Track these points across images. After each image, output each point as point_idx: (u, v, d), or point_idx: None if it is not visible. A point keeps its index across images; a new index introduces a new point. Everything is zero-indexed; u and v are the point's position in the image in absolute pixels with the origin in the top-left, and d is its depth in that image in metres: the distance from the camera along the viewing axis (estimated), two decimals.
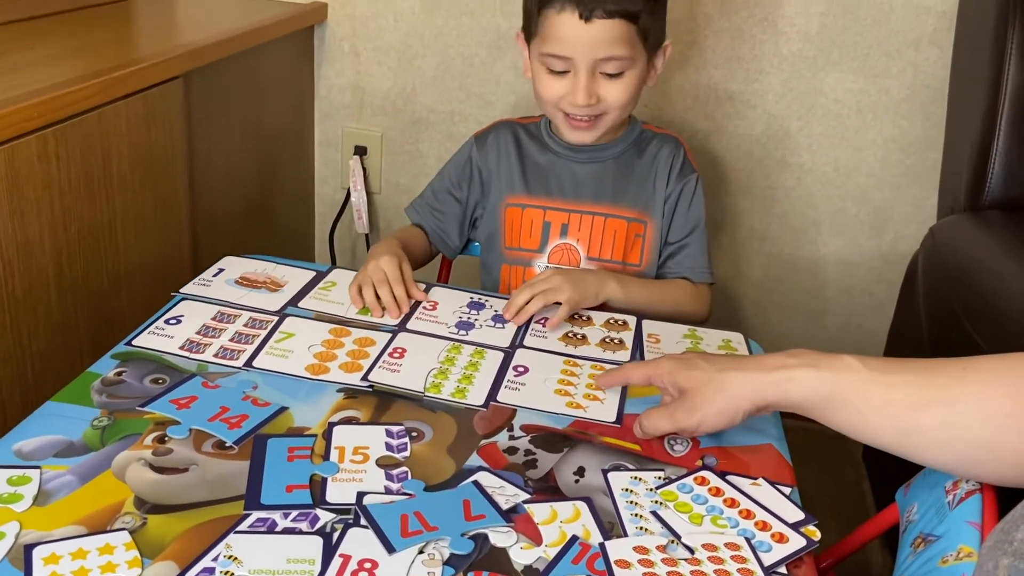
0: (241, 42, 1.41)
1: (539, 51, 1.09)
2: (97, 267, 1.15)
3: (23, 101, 0.98)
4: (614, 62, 1.06)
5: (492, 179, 1.21)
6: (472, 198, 1.22)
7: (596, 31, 1.04)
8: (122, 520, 0.67)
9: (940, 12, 1.44)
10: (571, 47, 1.05)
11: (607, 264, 1.16)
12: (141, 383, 0.84)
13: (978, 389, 0.67)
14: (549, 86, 1.10)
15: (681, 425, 0.78)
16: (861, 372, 0.71)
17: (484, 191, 1.22)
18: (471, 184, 1.22)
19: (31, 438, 0.75)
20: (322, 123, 1.75)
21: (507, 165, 1.19)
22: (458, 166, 1.23)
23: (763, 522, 0.71)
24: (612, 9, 1.04)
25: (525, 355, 0.94)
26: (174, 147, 1.28)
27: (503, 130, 1.22)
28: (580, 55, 1.05)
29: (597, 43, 1.05)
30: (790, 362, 0.74)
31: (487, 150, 1.21)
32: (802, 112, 1.55)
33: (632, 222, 1.17)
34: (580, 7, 1.04)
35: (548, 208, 1.18)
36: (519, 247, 1.19)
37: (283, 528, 0.67)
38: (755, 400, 0.75)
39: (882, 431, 0.71)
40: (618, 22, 1.04)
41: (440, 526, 0.68)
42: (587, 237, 1.17)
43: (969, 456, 0.67)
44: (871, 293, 1.64)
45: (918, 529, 0.71)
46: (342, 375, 0.87)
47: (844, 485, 1.57)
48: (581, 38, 1.05)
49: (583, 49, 1.05)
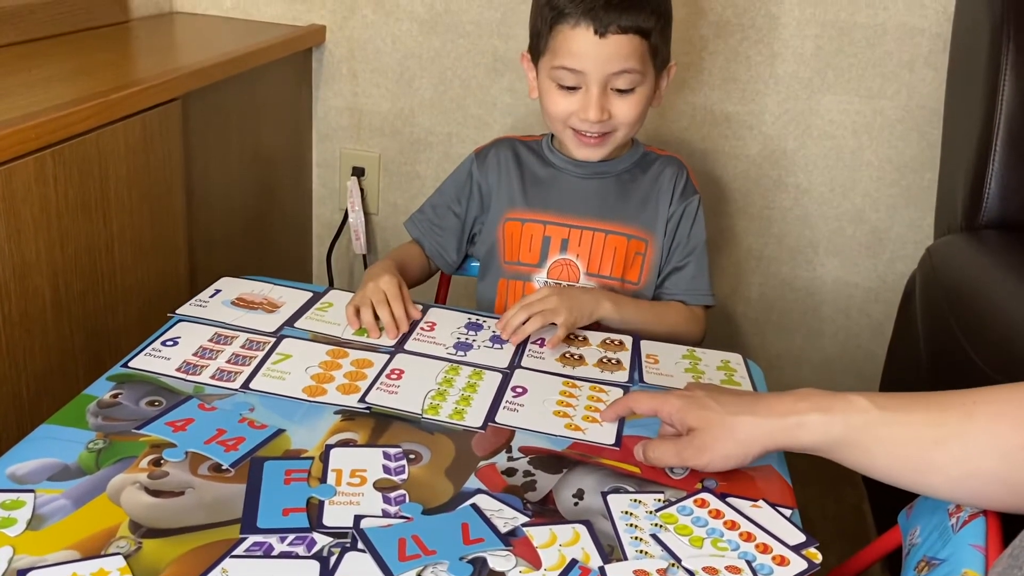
0: (239, 64, 1.41)
1: (551, 65, 1.09)
2: (94, 288, 1.14)
3: (21, 123, 0.98)
4: (625, 77, 1.07)
5: (492, 194, 1.21)
6: (471, 213, 1.23)
7: (610, 46, 1.05)
8: (117, 544, 0.66)
9: (934, 34, 1.45)
10: (585, 61, 1.06)
11: (606, 281, 1.16)
12: (137, 405, 0.83)
13: (989, 423, 0.66)
14: (559, 102, 1.11)
15: (689, 463, 0.78)
16: (871, 412, 0.71)
17: (484, 207, 1.22)
18: (470, 199, 1.22)
19: (25, 461, 0.74)
20: (320, 144, 1.76)
21: (507, 180, 1.20)
22: (458, 182, 1.23)
23: (764, 545, 0.71)
24: (627, 25, 1.05)
25: (523, 376, 0.94)
26: (172, 169, 1.28)
27: (503, 146, 1.22)
28: (593, 70, 1.06)
29: (611, 58, 1.06)
30: (800, 406, 0.74)
31: (487, 166, 1.21)
32: (798, 133, 1.55)
33: (632, 239, 1.17)
34: (595, 22, 1.05)
35: (548, 223, 1.18)
36: (518, 261, 1.19)
37: (279, 552, 0.66)
38: (766, 445, 0.75)
39: (896, 471, 0.70)
40: (632, 38, 1.06)
41: (438, 550, 0.67)
42: (587, 253, 1.17)
43: (984, 491, 0.67)
44: (868, 313, 1.64)
45: (921, 552, 0.71)
46: (339, 397, 0.87)
47: (844, 506, 1.56)
48: (595, 53, 1.06)
49: (597, 64, 1.06)
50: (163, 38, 1.56)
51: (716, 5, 1.50)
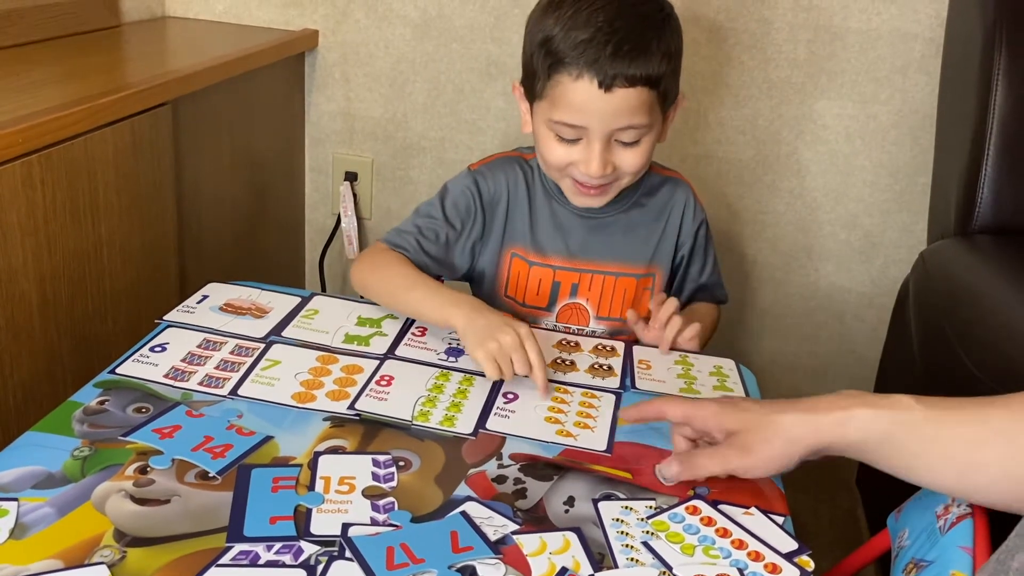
0: (231, 69, 1.41)
1: (548, 117, 1.00)
2: (82, 294, 1.14)
3: (8, 127, 0.97)
4: (632, 131, 0.99)
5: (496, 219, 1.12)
6: (474, 232, 1.12)
7: (616, 101, 0.96)
8: (101, 554, 0.65)
9: (927, 39, 1.45)
10: (588, 117, 0.97)
11: (615, 323, 1.14)
12: (124, 412, 0.83)
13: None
14: (557, 153, 1.02)
15: (732, 467, 0.75)
16: (917, 411, 0.69)
17: (486, 227, 1.13)
18: (473, 222, 1.12)
19: (9, 469, 0.73)
20: (312, 149, 1.75)
21: (514, 211, 1.12)
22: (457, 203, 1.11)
23: (756, 552, 0.70)
24: (635, 75, 0.95)
25: (515, 382, 0.93)
26: (162, 173, 1.27)
27: (509, 168, 1.13)
28: (596, 126, 0.97)
29: (617, 113, 0.96)
30: (845, 403, 0.72)
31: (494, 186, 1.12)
32: (791, 138, 1.55)
33: (641, 278, 1.14)
34: (599, 75, 0.94)
35: (558, 268, 1.11)
36: (524, 302, 1.13)
37: (266, 561, 0.66)
38: (813, 443, 0.72)
39: (940, 471, 0.69)
40: (640, 90, 0.96)
41: (427, 558, 0.66)
42: (597, 297, 1.13)
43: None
44: (862, 318, 1.63)
45: (910, 554, 0.71)
46: (328, 403, 0.86)
47: (838, 511, 1.56)
48: (600, 108, 0.96)
49: (602, 119, 0.97)
50: (154, 42, 1.55)
51: (709, 10, 1.50)
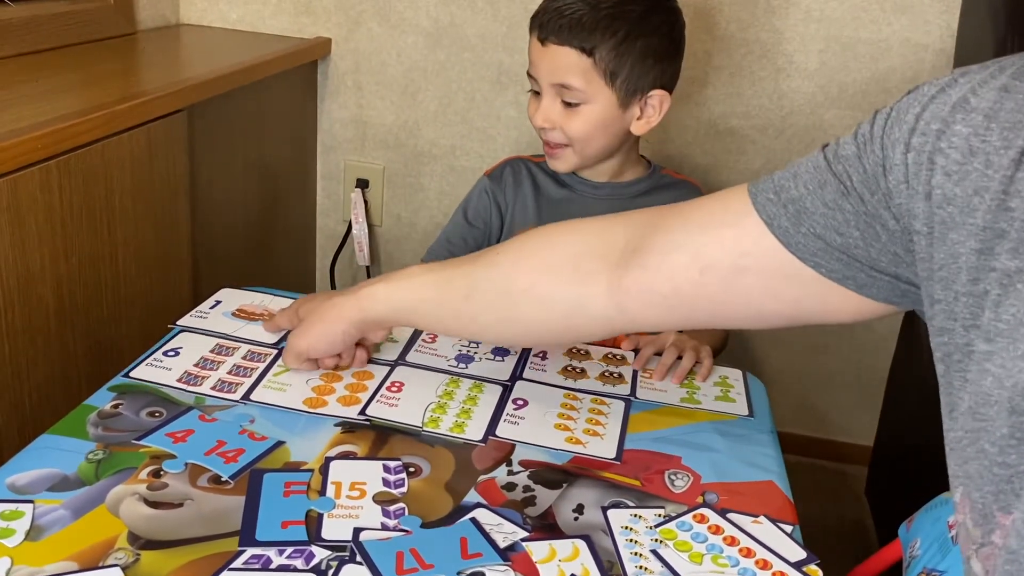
0: (245, 76, 1.42)
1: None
2: (97, 299, 1.15)
3: (26, 133, 0.98)
4: (569, 91, 1.11)
5: (508, 212, 1.23)
6: (494, 229, 1.25)
7: (551, 55, 1.11)
8: (115, 556, 0.66)
9: (938, 50, 1.45)
10: (535, 68, 1.13)
11: None
12: (138, 416, 0.83)
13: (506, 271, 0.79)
14: (531, 107, 1.16)
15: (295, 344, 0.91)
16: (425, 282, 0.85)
17: (503, 224, 1.24)
18: (491, 218, 1.24)
19: (25, 471, 0.74)
20: (324, 156, 1.76)
21: (522, 199, 1.22)
22: (474, 207, 1.25)
23: (764, 561, 0.70)
24: (564, 37, 1.09)
25: (524, 388, 0.93)
26: (176, 180, 1.28)
27: (516, 165, 1.25)
28: (540, 76, 1.13)
29: (552, 68, 1.11)
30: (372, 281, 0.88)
31: (504, 183, 1.24)
32: (802, 148, 1.55)
33: None
34: (539, 30, 1.12)
35: None
36: None
37: (278, 565, 0.66)
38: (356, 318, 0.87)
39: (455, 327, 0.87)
40: (570, 51, 1.09)
41: (436, 564, 0.67)
42: None
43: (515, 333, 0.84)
44: (872, 328, 1.63)
45: (921, 564, 0.71)
46: (340, 409, 0.87)
47: (846, 522, 1.56)
48: (538, 60, 1.12)
49: (541, 71, 1.12)
50: (169, 50, 1.57)
51: (721, 20, 1.51)
